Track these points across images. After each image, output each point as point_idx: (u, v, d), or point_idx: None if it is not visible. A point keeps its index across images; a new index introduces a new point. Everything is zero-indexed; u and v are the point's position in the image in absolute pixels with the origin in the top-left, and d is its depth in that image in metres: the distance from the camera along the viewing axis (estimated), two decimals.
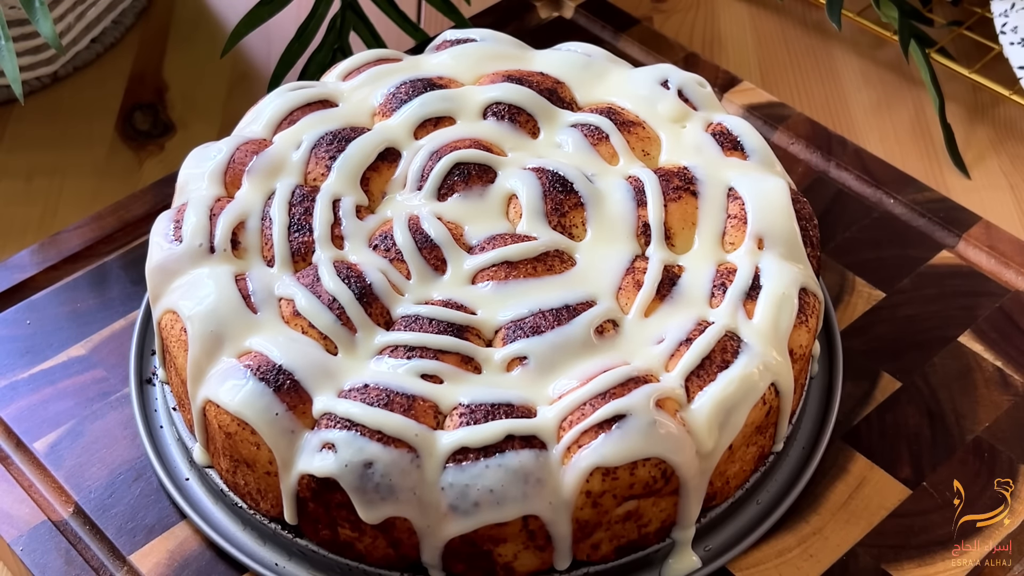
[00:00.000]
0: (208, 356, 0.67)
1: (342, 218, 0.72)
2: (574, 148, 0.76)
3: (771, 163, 0.77)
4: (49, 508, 0.72)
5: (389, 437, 0.63)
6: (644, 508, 0.65)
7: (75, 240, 0.86)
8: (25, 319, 0.81)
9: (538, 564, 0.66)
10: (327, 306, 0.68)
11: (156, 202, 0.87)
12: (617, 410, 0.63)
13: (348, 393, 0.65)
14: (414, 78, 0.80)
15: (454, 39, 0.85)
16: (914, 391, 0.77)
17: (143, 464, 0.73)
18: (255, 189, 0.74)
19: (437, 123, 0.78)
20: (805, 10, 1.11)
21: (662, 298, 0.69)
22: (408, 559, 0.66)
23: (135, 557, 0.70)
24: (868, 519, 0.71)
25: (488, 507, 0.62)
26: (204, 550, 0.70)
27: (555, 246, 0.71)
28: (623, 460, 0.63)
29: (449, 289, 0.70)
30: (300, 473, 0.64)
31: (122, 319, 0.81)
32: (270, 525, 0.69)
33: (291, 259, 0.71)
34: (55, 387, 0.77)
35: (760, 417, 0.67)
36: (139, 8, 1.11)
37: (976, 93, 1.01)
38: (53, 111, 1.03)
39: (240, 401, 0.65)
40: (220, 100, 1.04)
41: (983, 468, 0.73)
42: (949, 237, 0.85)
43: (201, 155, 0.77)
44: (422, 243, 0.71)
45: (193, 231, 0.71)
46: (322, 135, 0.76)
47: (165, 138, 1.01)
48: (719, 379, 0.65)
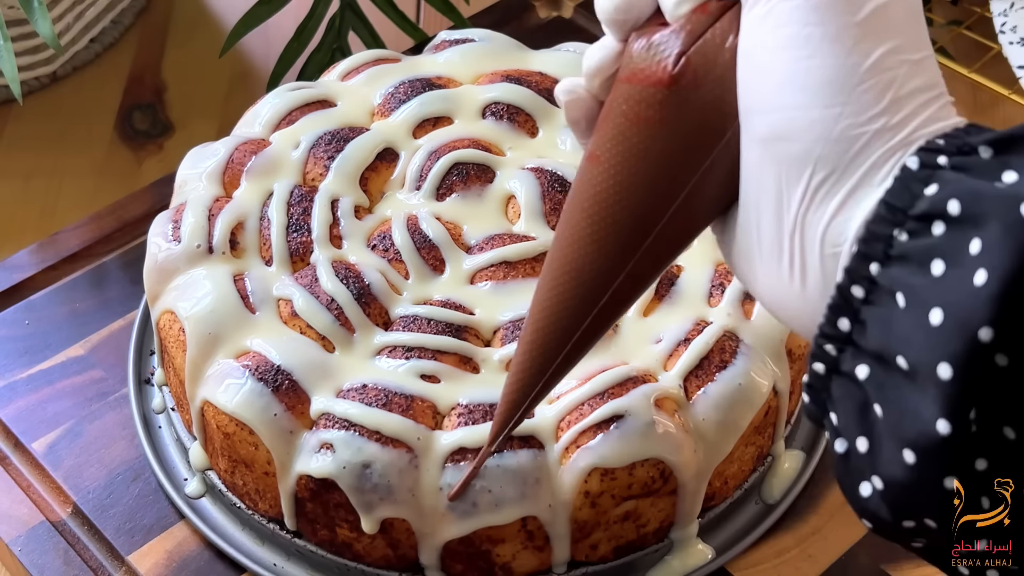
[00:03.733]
0: (206, 356, 0.67)
1: (340, 218, 0.72)
2: (573, 148, 0.76)
3: None
4: (47, 508, 0.72)
5: (387, 437, 0.63)
6: (643, 508, 0.65)
7: (74, 240, 0.85)
8: (24, 319, 0.81)
9: (536, 564, 0.66)
10: (325, 306, 0.68)
11: (155, 202, 0.87)
12: (616, 410, 0.63)
13: (346, 393, 0.65)
14: (413, 78, 0.80)
15: (452, 39, 0.84)
16: None
17: (141, 464, 0.73)
18: (253, 189, 0.74)
19: (436, 123, 0.78)
20: None
21: (660, 298, 0.69)
22: (407, 559, 0.66)
23: (133, 557, 0.70)
24: None
25: (486, 507, 0.62)
26: (202, 550, 0.70)
27: None
28: (622, 460, 0.63)
29: (448, 289, 0.70)
30: (298, 473, 0.64)
31: (121, 319, 0.81)
32: (268, 525, 0.69)
33: (289, 259, 0.71)
34: (53, 387, 0.77)
35: (759, 417, 0.67)
36: (138, 8, 1.10)
37: (976, 93, 1.00)
38: (52, 111, 1.03)
39: (238, 401, 0.65)
40: (219, 100, 1.04)
41: None
42: None
43: (199, 155, 0.76)
44: (421, 243, 0.71)
45: (191, 231, 0.71)
46: (321, 135, 0.76)
47: (164, 138, 1.01)
48: (718, 379, 0.65)
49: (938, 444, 0.40)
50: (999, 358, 0.39)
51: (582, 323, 0.54)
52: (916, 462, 0.41)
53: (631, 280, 0.52)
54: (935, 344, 0.40)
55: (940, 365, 0.39)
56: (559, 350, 0.55)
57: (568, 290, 0.53)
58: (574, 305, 0.53)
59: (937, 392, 0.40)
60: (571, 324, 0.54)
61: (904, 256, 0.41)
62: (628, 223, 0.50)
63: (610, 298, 0.52)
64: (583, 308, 0.53)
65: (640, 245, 0.51)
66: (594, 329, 0.54)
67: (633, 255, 0.51)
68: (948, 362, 0.39)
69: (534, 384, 0.57)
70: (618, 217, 0.50)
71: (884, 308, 0.41)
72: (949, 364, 0.39)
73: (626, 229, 0.50)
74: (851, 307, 0.42)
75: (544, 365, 0.56)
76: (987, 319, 0.38)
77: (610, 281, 0.52)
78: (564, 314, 0.54)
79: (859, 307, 0.42)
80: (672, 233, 0.51)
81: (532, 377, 0.57)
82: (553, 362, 0.56)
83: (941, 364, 0.39)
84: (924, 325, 0.40)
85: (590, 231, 0.51)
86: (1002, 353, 0.39)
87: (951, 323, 0.39)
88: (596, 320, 0.54)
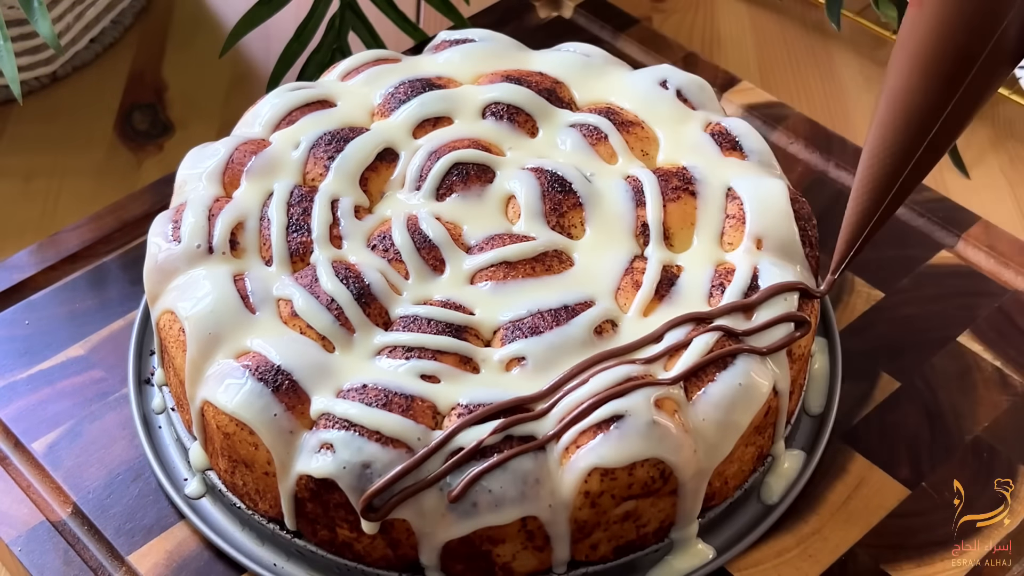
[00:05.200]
0: (206, 356, 0.67)
1: (340, 218, 0.72)
2: (573, 148, 0.76)
3: (770, 163, 0.76)
4: (47, 508, 0.72)
5: (387, 437, 0.63)
6: (643, 508, 0.65)
7: (74, 240, 0.85)
8: (24, 319, 0.81)
9: (536, 564, 0.66)
10: (325, 306, 0.68)
11: (155, 202, 0.87)
12: (616, 410, 0.63)
13: (346, 393, 0.65)
14: (413, 78, 0.80)
15: (452, 39, 0.84)
16: (913, 391, 0.77)
17: (141, 464, 0.73)
18: (253, 189, 0.74)
19: (436, 123, 0.78)
20: (805, 10, 1.11)
21: (661, 298, 0.69)
22: (407, 559, 0.66)
23: (133, 557, 0.70)
24: (867, 519, 0.71)
25: (486, 508, 0.62)
26: (202, 550, 0.70)
27: (554, 246, 0.71)
28: (622, 460, 0.62)
29: (448, 289, 0.70)
30: (298, 474, 0.64)
31: (121, 319, 0.81)
32: (268, 525, 0.69)
33: (289, 259, 0.71)
34: (53, 387, 0.77)
35: (759, 417, 0.67)
36: (138, 8, 1.10)
37: None
38: (52, 111, 1.03)
39: (238, 401, 0.65)
40: (219, 100, 1.04)
41: (982, 468, 0.73)
42: (948, 237, 0.85)
43: (199, 155, 0.76)
44: (420, 243, 0.71)
45: (191, 231, 0.71)
46: (321, 135, 0.76)
47: (164, 138, 1.01)
48: (718, 379, 0.65)
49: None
50: None
51: (915, 153, 0.60)
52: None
53: (956, 112, 0.58)
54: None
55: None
56: (896, 178, 0.61)
57: (901, 123, 0.59)
58: (907, 136, 0.60)
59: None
60: (906, 153, 0.60)
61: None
62: (952, 55, 0.56)
63: (940, 128, 0.59)
64: (915, 140, 0.60)
65: (964, 78, 0.57)
66: (926, 160, 0.61)
67: (959, 87, 0.57)
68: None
69: (872, 212, 0.64)
70: (940, 52, 0.57)
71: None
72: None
73: (949, 61, 0.57)
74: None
75: (881, 194, 0.62)
76: None
77: (939, 111, 0.58)
78: (897, 146, 0.60)
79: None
80: (990, 65, 0.57)
81: (871, 206, 0.63)
82: (890, 190, 0.62)
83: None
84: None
85: (916, 66, 0.57)
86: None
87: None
88: (927, 151, 0.60)
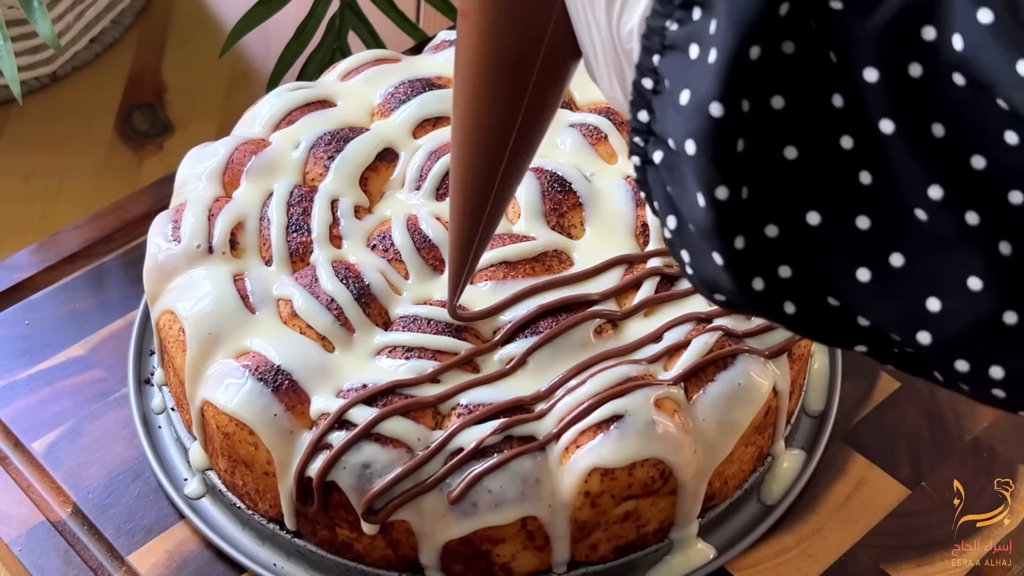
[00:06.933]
0: (206, 356, 0.67)
1: (340, 218, 0.72)
2: (573, 148, 0.76)
3: None
4: (47, 508, 0.72)
5: (387, 437, 0.63)
6: (642, 508, 0.65)
7: (74, 240, 0.85)
8: (24, 319, 0.81)
9: (536, 564, 0.66)
10: (325, 306, 0.68)
11: (155, 202, 0.87)
12: (615, 410, 0.63)
13: (346, 393, 0.65)
14: (412, 78, 0.80)
15: (452, 39, 0.84)
16: (913, 391, 0.77)
17: (141, 464, 0.73)
18: (253, 189, 0.74)
19: (436, 123, 0.78)
20: None
21: (661, 298, 0.69)
22: (406, 559, 0.66)
23: (133, 557, 0.70)
24: (867, 519, 0.71)
25: (486, 508, 0.62)
26: (202, 550, 0.70)
27: (553, 246, 0.71)
28: (621, 461, 0.62)
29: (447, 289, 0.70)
30: None
31: (121, 319, 0.81)
32: (268, 525, 0.69)
33: (289, 259, 0.71)
34: (53, 387, 0.77)
35: (759, 417, 0.67)
36: (138, 8, 1.11)
37: None
38: (52, 111, 1.03)
39: (238, 401, 0.65)
40: (219, 100, 1.04)
41: (982, 468, 0.73)
42: None
43: (199, 155, 0.76)
44: (420, 243, 0.71)
45: (191, 231, 0.71)
46: (320, 135, 0.76)
47: (164, 138, 1.01)
48: (718, 379, 0.65)
49: (706, 217, 0.42)
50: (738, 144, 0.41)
51: (498, 169, 0.57)
52: (699, 233, 0.43)
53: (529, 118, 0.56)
54: (683, 123, 0.42)
55: (687, 142, 0.42)
56: (486, 196, 0.59)
57: (477, 143, 0.57)
58: (487, 154, 0.57)
59: (691, 168, 0.42)
60: (489, 168, 0.58)
61: (673, 44, 0.43)
62: (507, 63, 0.54)
63: (517, 136, 0.56)
64: (495, 154, 0.57)
65: (526, 83, 0.54)
66: (511, 172, 0.58)
67: (524, 94, 0.54)
68: (692, 138, 0.41)
69: (473, 233, 0.61)
70: (496, 60, 0.54)
71: (662, 95, 0.44)
72: (693, 140, 0.41)
73: (507, 70, 0.54)
74: (645, 99, 0.44)
75: (476, 215, 0.60)
76: (715, 95, 0.40)
77: (511, 121, 0.55)
78: (479, 163, 0.58)
79: (650, 98, 0.44)
80: (551, 66, 0.54)
81: (470, 227, 0.61)
82: (484, 207, 0.60)
83: (687, 141, 0.42)
84: (677, 105, 0.42)
85: (477, 80, 0.55)
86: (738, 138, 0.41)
87: (693, 102, 0.41)
88: (510, 164, 0.57)
